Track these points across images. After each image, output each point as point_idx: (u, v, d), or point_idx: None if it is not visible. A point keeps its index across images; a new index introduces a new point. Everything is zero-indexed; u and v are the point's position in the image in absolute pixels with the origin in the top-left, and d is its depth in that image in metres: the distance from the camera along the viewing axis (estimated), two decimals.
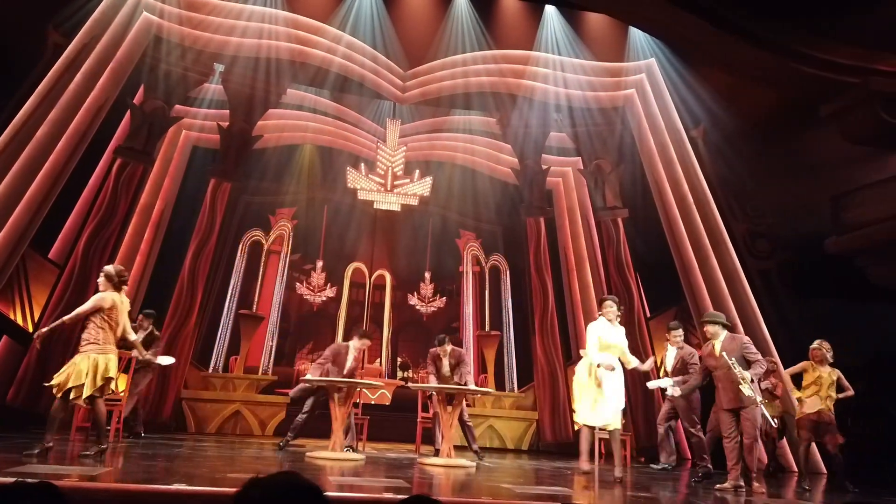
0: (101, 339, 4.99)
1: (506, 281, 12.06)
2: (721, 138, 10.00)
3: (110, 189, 9.54)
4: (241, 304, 10.85)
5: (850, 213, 8.83)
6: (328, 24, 10.40)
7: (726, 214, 10.09)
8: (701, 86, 10.01)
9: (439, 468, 6.03)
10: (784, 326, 9.33)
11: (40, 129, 8.61)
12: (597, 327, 5.89)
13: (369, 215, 11.79)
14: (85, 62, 9.09)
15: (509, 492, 4.74)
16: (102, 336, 5.01)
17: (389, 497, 3.82)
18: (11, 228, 8.32)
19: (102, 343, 5.00)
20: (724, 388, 5.75)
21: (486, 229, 12.34)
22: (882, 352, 8.50)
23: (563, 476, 6.23)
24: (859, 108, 8.38)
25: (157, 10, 9.84)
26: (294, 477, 1.46)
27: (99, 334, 5.00)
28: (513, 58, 10.93)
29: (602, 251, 11.27)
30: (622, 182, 11.25)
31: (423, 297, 11.90)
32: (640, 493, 5.26)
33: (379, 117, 11.95)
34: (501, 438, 10.69)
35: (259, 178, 11.31)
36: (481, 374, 11.37)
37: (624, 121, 11.23)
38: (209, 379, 10.17)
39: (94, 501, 3.38)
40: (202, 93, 10.80)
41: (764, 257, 9.91)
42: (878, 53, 8.18)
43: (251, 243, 11.22)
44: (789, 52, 8.19)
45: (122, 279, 5.24)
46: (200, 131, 11.15)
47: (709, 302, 9.73)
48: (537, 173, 11.78)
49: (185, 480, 3.98)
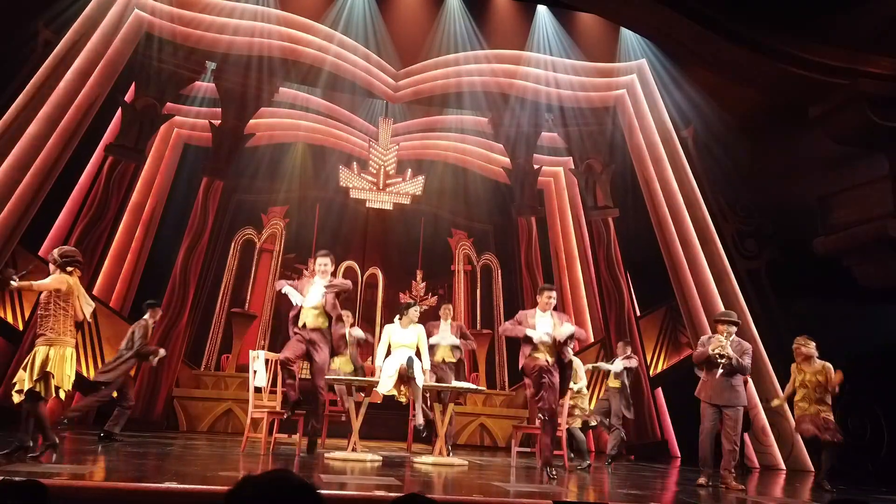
0: (58, 330, 4.57)
1: (497, 280, 12.09)
2: (710, 139, 10.09)
3: (101, 187, 9.51)
4: (233, 303, 10.83)
5: (838, 213, 8.92)
6: (321, 22, 10.41)
7: (715, 214, 10.18)
8: (691, 87, 10.10)
9: (431, 466, 6.06)
10: (772, 326, 9.43)
11: (31, 126, 8.57)
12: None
13: (361, 214, 11.79)
14: (76, 59, 9.05)
15: (500, 490, 4.78)
16: (59, 326, 4.57)
17: (381, 495, 3.84)
18: (1, 226, 8.28)
19: (61, 334, 4.58)
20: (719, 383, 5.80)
21: (477, 228, 12.37)
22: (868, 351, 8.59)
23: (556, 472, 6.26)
24: (847, 109, 8.46)
25: (148, 7, 9.80)
26: (287, 475, 1.47)
27: (55, 323, 4.56)
28: (505, 57, 10.97)
29: (593, 250, 11.33)
30: (613, 182, 11.32)
31: (414, 295, 11.92)
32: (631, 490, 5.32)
33: (371, 116, 11.95)
34: (492, 437, 10.73)
35: (251, 176, 11.29)
36: (472, 372, 11.40)
37: (615, 121, 11.30)
38: (201, 377, 10.15)
39: (83, 500, 3.38)
40: (194, 91, 10.77)
41: (752, 257, 10.01)
42: (867, 55, 8.26)
43: (243, 241, 11.20)
44: (777, 53, 8.26)
45: (68, 260, 4.73)
46: (192, 129, 11.11)
47: (698, 301, 9.82)
48: (529, 173, 11.82)
49: (176, 479, 3.99)
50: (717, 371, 5.76)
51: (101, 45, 9.33)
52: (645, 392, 10.18)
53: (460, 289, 12.01)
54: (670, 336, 10.51)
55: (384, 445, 8.43)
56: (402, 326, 6.42)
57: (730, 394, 5.80)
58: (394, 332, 6.42)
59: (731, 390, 5.81)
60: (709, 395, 5.84)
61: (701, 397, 5.95)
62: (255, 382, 6.75)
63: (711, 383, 5.84)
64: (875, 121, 8.23)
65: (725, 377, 5.79)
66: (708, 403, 5.85)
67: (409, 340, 6.38)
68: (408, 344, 6.35)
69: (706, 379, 5.91)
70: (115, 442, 6.45)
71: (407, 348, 6.31)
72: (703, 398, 5.91)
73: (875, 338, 8.48)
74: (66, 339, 4.64)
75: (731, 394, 5.80)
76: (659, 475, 7.13)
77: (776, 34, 8.25)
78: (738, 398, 5.84)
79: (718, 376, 5.77)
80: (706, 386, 5.89)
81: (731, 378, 5.82)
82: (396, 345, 6.33)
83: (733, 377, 5.83)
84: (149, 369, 9.35)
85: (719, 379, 5.78)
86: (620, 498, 4.82)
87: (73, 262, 4.79)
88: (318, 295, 6.20)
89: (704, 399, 5.89)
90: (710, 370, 5.86)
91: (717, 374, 5.77)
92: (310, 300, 6.20)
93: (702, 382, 5.98)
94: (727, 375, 5.80)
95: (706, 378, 5.91)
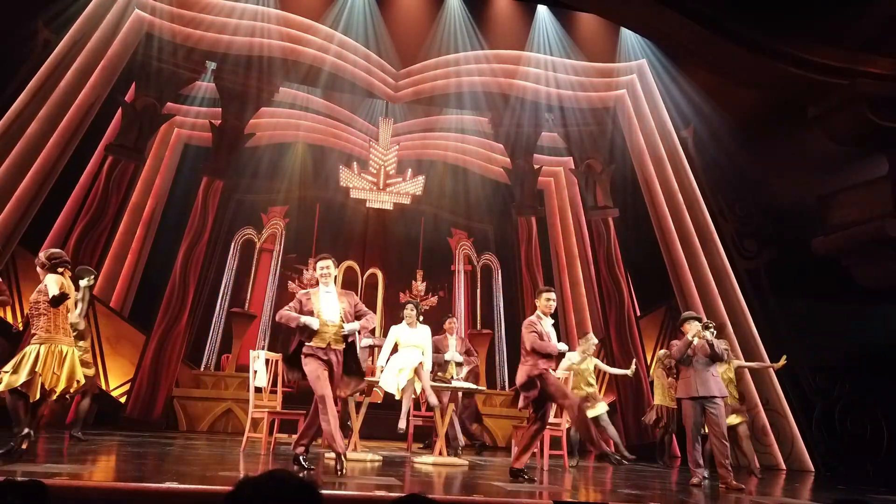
0: (49, 328, 4.56)
1: (497, 280, 12.10)
2: (710, 139, 10.09)
3: (101, 186, 9.50)
4: (233, 303, 10.83)
5: (837, 213, 8.93)
6: (321, 22, 10.42)
7: (715, 214, 10.19)
8: (691, 87, 10.11)
9: (431, 466, 6.06)
10: (771, 326, 9.44)
11: (31, 126, 8.58)
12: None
13: (361, 214, 11.79)
14: (76, 59, 9.06)
15: (501, 489, 4.78)
16: (50, 325, 4.57)
17: (382, 495, 3.85)
18: (2, 226, 8.29)
19: (52, 332, 4.57)
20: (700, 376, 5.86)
21: (477, 228, 12.37)
22: (868, 351, 8.61)
23: (555, 472, 6.28)
24: (846, 109, 8.46)
25: (148, 7, 9.81)
26: (287, 475, 1.48)
27: (45, 322, 4.57)
28: (505, 58, 10.98)
29: (593, 250, 11.33)
30: (613, 182, 11.32)
31: (415, 295, 11.92)
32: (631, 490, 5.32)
33: (371, 116, 11.95)
34: (492, 436, 10.73)
35: (251, 176, 11.29)
36: None
37: (615, 121, 11.31)
38: (201, 377, 10.16)
39: (84, 500, 3.39)
40: (194, 90, 10.77)
41: (751, 257, 10.02)
42: (866, 55, 8.27)
43: (243, 241, 11.21)
44: (777, 53, 8.26)
45: (57, 262, 4.74)
46: (192, 129, 11.11)
47: (698, 301, 9.82)
48: (529, 173, 11.83)
49: (176, 479, 3.99)
50: (701, 349, 5.85)
51: (102, 44, 9.33)
52: (645, 392, 10.18)
53: (460, 289, 12.01)
54: (670, 336, 10.48)
55: (384, 445, 8.43)
56: (410, 327, 6.45)
57: (712, 384, 5.85)
58: (401, 332, 6.46)
59: (713, 380, 5.88)
60: (693, 389, 5.87)
61: (683, 395, 6.02)
62: (256, 382, 6.75)
63: (693, 376, 5.90)
64: (874, 121, 8.24)
65: (704, 368, 5.85)
66: (690, 400, 5.90)
67: (418, 341, 6.40)
68: (416, 344, 6.36)
69: (686, 374, 5.96)
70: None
71: (415, 348, 6.31)
72: (685, 395, 5.97)
73: (874, 337, 8.49)
74: (59, 337, 4.61)
75: (714, 384, 5.86)
76: (658, 475, 7.14)
77: (776, 34, 8.26)
78: (720, 388, 5.90)
79: (699, 368, 5.85)
80: (687, 381, 5.94)
81: (709, 368, 5.89)
82: (405, 344, 6.36)
83: (711, 367, 5.90)
84: (149, 369, 9.36)
85: (699, 371, 5.85)
86: (620, 498, 4.82)
87: (63, 263, 4.80)
88: (335, 306, 5.08)
89: (687, 395, 5.94)
90: (689, 364, 5.93)
91: (698, 363, 5.87)
92: (328, 313, 5.03)
93: (682, 381, 6.04)
94: (705, 366, 5.86)
95: (686, 373, 5.97)
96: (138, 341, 9.55)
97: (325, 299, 5.06)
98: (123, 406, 9.20)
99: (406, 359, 6.18)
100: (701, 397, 5.84)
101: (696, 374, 5.88)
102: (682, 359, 6.00)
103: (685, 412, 6.00)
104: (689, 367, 5.96)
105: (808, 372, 9.13)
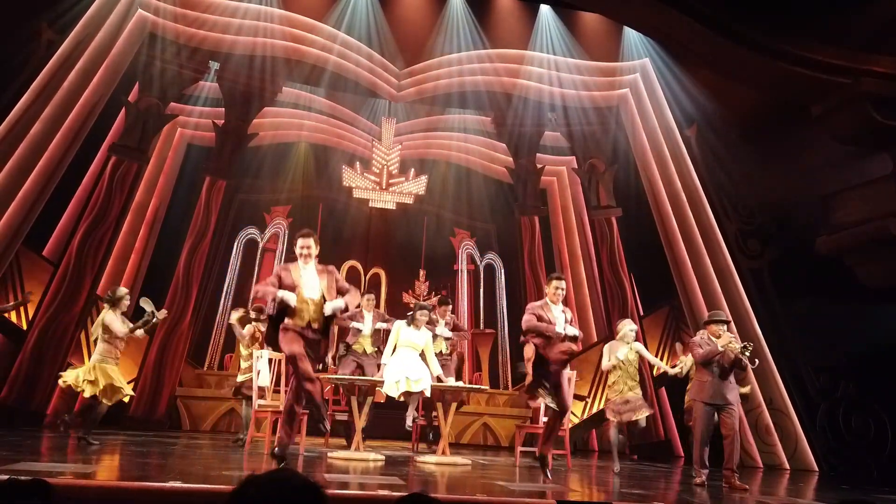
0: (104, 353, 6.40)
1: (500, 279, 12.09)
2: (714, 138, 10.07)
3: (104, 187, 9.51)
4: (236, 302, 10.84)
5: (840, 212, 8.91)
6: (324, 22, 10.41)
7: (718, 213, 10.17)
8: (693, 86, 10.07)
9: (434, 466, 6.06)
10: (774, 325, 9.42)
11: (34, 126, 8.59)
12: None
13: (364, 214, 11.79)
14: (79, 59, 9.07)
15: (504, 489, 4.78)
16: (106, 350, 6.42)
17: (385, 494, 3.85)
18: (5, 226, 8.32)
19: (104, 355, 6.39)
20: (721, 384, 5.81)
21: (480, 228, 12.36)
22: (871, 350, 8.59)
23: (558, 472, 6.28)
24: (850, 108, 8.44)
25: (151, 7, 9.82)
26: (291, 474, 1.47)
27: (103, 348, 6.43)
28: (508, 57, 10.96)
29: (596, 250, 11.32)
30: (616, 181, 11.30)
31: (417, 295, 11.92)
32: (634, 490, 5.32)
33: (374, 116, 11.94)
34: (496, 436, 10.74)
35: (254, 175, 11.30)
36: (476, 371, 11.41)
37: (618, 120, 11.28)
38: (204, 377, 10.17)
39: (88, 499, 3.40)
40: (197, 90, 10.77)
41: (755, 256, 10.00)
42: (869, 54, 8.24)
43: (246, 241, 11.22)
44: (779, 52, 8.24)
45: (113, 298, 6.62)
46: (195, 129, 11.12)
47: (702, 301, 9.81)
48: (531, 172, 11.81)
49: (180, 478, 4.00)
50: (746, 364, 5.80)
51: (105, 45, 9.34)
52: (648, 391, 10.16)
53: (463, 288, 12.01)
54: (673, 335, 10.49)
55: (387, 445, 8.44)
56: (416, 328, 6.45)
57: (730, 393, 5.81)
58: (404, 330, 6.42)
59: (731, 389, 5.83)
60: (710, 396, 5.79)
61: (699, 398, 5.90)
62: (259, 382, 6.76)
63: (711, 381, 5.81)
64: (877, 120, 8.21)
65: (723, 377, 5.80)
66: (706, 404, 5.82)
67: (419, 342, 6.38)
68: (416, 345, 6.35)
69: (706, 380, 5.86)
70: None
71: (413, 349, 6.31)
72: (702, 399, 5.85)
73: (878, 337, 8.47)
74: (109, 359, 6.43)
75: (732, 393, 5.82)
76: (662, 474, 7.14)
77: (777, 33, 8.24)
78: (736, 396, 5.87)
79: (717, 373, 5.79)
80: (706, 387, 5.83)
81: (729, 376, 5.84)
82: (405, 343, 6.33)
83: (731, 375, 5.85)
84: (152, 369, 9.38)
85: (717, 376, 5.78)
86: (624, 497, 4.82)
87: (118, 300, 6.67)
88: (315, 282, 4.92)
89: (704, 400, 5.83)
90: (710, 369, 5.83)
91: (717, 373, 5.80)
92: (308, 290, 4.86)
93: (699, 384, 5.93)
94: (724, 377, 5.79)
95: (704, 376, 5.88)
96: (141, 341, 9.54)
97: (305, 275, 4.89)
98: (127, 405, 9.20)
99: (403, 363, 6.18)
100: (717, 404, 5.81)
101: (715, 379, 5.81)
102: (705, 362, 5.90)
103: (696, 414, 5.93)
104: (708, 370, 5.88)
105: (812, 371, 9.11)
